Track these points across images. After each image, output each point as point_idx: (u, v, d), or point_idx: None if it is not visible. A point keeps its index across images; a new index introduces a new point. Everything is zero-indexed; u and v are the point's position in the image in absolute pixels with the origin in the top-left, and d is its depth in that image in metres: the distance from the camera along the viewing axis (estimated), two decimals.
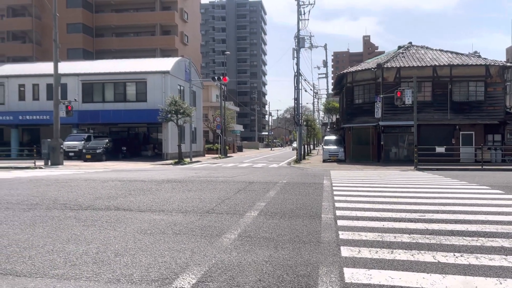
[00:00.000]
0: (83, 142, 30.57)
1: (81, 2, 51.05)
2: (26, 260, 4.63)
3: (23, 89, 34.05)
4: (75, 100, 30.28)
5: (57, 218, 7.18)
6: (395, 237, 5.74)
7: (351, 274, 4.12)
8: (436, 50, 29.19)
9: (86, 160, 28.74)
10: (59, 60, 25.95)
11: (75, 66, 34.72)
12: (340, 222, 6.77)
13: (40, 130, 35.78)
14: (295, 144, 57.97)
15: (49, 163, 24.32)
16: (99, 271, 4.23)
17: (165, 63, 33.94)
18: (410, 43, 30.46)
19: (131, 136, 37.97)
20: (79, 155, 29.64)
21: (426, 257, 4.74)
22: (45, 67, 33.82)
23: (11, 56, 50.37)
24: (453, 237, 5.74)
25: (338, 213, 7.63)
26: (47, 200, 9.22)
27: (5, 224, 6.63)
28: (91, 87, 33.28)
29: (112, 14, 53.69)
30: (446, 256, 4.78)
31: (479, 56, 28.15)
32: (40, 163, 24.21)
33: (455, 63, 26.11)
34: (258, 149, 79.61)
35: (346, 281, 3.93)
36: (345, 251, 4.98)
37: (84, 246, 5.26)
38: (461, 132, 26.29)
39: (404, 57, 27.91)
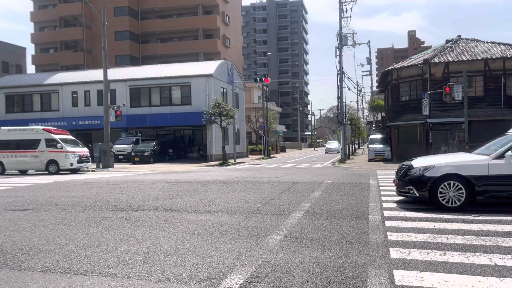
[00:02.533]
0: (131, 145, 31.64)
1: (127, 10, 52.92)
2: (82, 259, 4.86)
3: (75, 95, 35.75)
4: (124, 105, 31.39)
5: (110, 218, 7.48)
6: (447, 238, 5.52)
7: (402, 277, 4.01)
8: (487, 42, 27.81)
9: (134, 162, 29.73)
10: (108, 67, 27.03)
11: (122, 72, 36.02)
12: (388, 223, 6.61)
13: (91, 135, 37.40)
14: (329, 145, 55.58)
15: (101, 166, 25.40)
16: (150, 270, 4.37)
17: (208, 67, 34.50)
18: (459, 36, 29.21)
19: (177, 138, 38.90)
20: (128, 158, 30.71)
21: (482, 259, 4.53)
22: (95, 74, 35.36)
23: (64, 65, 53.04)
24: (511, 238, 5.45)
25: (386, 213, 7.44)
26: (99, 202, 9.63)
27: (63, 225, 6.98)
28: (138, 92, 34.41)
29: (156, 21, 55.27)
30: (504, 258, 4.55)
31: None
32: (92, 166, 25.32)
33: (509, 56, 24.75)
34: (301, 149, 79.13)
35: (396, 284, 3.83)
36: (395, 253, 4.85)
37: (135, 246, 5.45)
38: None
39: (452, 51, 26.80)
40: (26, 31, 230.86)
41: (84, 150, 22.83)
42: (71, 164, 21.69)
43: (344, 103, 32.18)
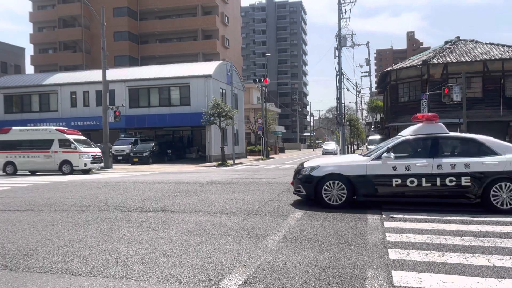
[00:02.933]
0: (130, 146, 31.62)
1: (126, 10, 52.92)
2: (81, 259, 4.85)
3: (74, 96, 35.72)
4: (123, 105, 31.36)
5: (108, 219, 7.47)
6: (445, 239, 5.53)
7: (400, 277, 4.01)
8: (486, 43, 27.88)
9: (133, 163, 29.71)
10: (107, 67, 27.01)
11: (121, 73, 36.01)
12: (387, 224, 6.61)
13: (90, 135, 37.32)
14: (327, 146, 52.23)
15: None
16: (149, 271, 4.37)
17: (207, 67, 34.51)
18: (458, 37, 29.28)
19: (176, 139, 38.89)
20: (127, 159, 30.69)
21: (480, 260, 4.53)
22: (94, 75, 35.33)
23: (63, 65, 53.00)
24: (510, 239, 5.46)
25: (385, 214, 7.45)
26: (98, 202, 9.62)
27: (61, 225, 6.97)
28: (137, 93, 34.39)
29: (155, 21, 55.28)
30: (502, 259, 4.55)
31: None
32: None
33: (507, 57, 24.83)
34: (300, 150, 79.18)
35: (395, 284, 3.84)
36: (393, 254, 4.85)
37: (134, 246, 5.44)
38: None
39: (451, 52, 26.87)
40: (25, 32, 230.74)
41: (96, 151, 22.79)
42: (85, 165, 21.60)
43: (343, 104, 32.22)
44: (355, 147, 58.58)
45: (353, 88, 48.75)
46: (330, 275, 4.12)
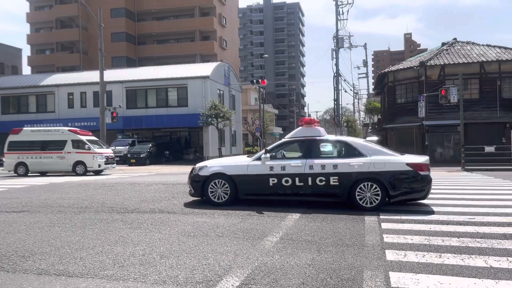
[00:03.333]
0: (127, 147, 31.57)
1: (124, 12, 52.87)
2: (78, 261, 4.84)
3: (71, 97, 35.66)
4: (120, 106, 31.33)
5: (105, 220, 7.45)
6: (443, 240, 5.54)
7: (398, 279, 4.01)
8: (483, 45, 27.99)
9: (130, 164, 29.64)
10: (104, 68, 26.98)
11: (119, 74, 35.97)
12: (384, 225, 6.62)
13: None
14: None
15: None
16: (146, 272, 4.35)
17: (205, 68, 34.52)
18: (455, 39, 29.39)
19: (173, 140, 38.85)
20: (124, 160, 30.62)
21: (477, 261, 4.54)
22: (92, 75, 35.28)
23: (60, 66, 52.90)
24: (506, 240, 5.47)
25: (382, 216, 7.46)
26: (95, 204, 9.59)
27: (58, 227, 6.95)
28: (135, 94, 34.36)
29: (153, 22, 55.25)
30: (499, 260, 4.56)
31: None
32: None
33: (504, 59, 24.93)
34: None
35: (392, 286, 3.84)
36: (391, 255, 4.86)
37: (131, 248, 5.43)
38: None
39: (448, 54, 26.95)
40: (22, 33, 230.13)
41: (109, 151, 22.66)
42: (99, 165, 21.46)
43: (340, 105, 32.31)
44: None
45: (351, 90, 48.83)
46: (328, 276, 4.12)
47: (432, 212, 7.71)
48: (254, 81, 36.46)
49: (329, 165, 8.16)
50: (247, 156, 9.64)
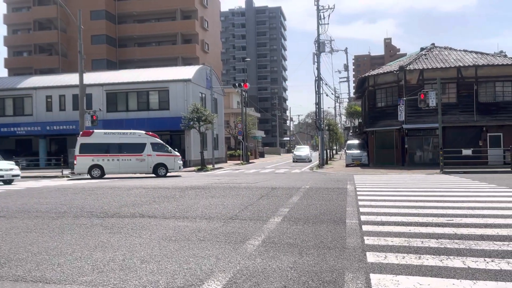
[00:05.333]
0: None
1: (104, 14, 52.25)
2: (55, 267, 4.73)
3: (50, 100, 35.00)
4: (100, 109, 30.90)
5: (84, 225, 7.32)
6: (422, 242, 5.62)
7: (378, 280, 4.05)
8: (460, 50, 28.61)
9: None
10: (84, 71, 26.58)
11: (99, 76, 35.48)
12: (365, 228, 6.68)
13: (66, 140, 36.65)
14: (299, 152, 43.59)
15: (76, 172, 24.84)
16: (126, 277, 4.29)
17: (187, 71, 34.35)
18: (433, 44, 29.97)
19: None
20: None
21: (456, 262, 4.62)
22: (71, 78, 34.71)
23: (38, 68, 51.87)
24: (483, 241, 5.58)
25: (363, 218, 7.53)
26: (74, 208, 9.42)
27: (35, 232, 6.80)
28: (115, 97, 33.94)
29: (134, 25, 54.75)
30: (477, 261, 4.65)
31: (505, 56, 27.44)
32: (67, 172, 24.77)
33: (480, 64, 25.53)
34: (280, 154, 79.47)
35: (372, 287, 3.87)
36: (371, 257, 4.90)
37: (110, 253, 5.34)
38: (488, 134, 25.58)
39: (427, 58, 27.46)
40: None
41: (178, 154, 23.27)
42: (179, 167, 22.64)
43: (322, 109, 32.52)
44: (334, 151, 59.08)
45: (332, 93, 49.13)
46: (309, 279, 4.13)
47: (412, 214, 7.82)
48: (236, 84, 36.49)
49: None
50: None
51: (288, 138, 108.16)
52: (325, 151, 33.51)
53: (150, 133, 22.76)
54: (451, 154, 22.81)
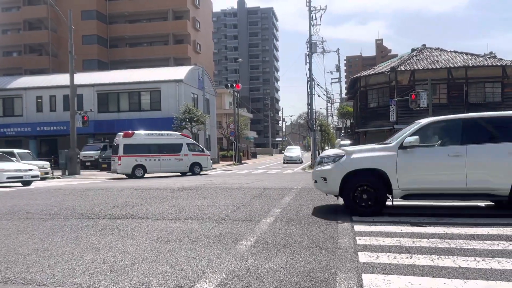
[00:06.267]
0: (99, 151, 30.93)
1: (95, 14, 51.94)
2: (46, 269, 4.69)
3: (40, 100, 34.71)
4: (91, 110, 30.71)
5: (75, 227, 7.26)
6: (413, 241, 5.65)
7: (370, 280, 4.06)
8: (450, 51, 28.88)
9: (102, 169, 29.05)
10: (75, 71, 26.39)
11: (90, 77, 35.27)
12: (357, 227, 6.70)
13: (57, 141, 36.38)
14: (289, 152, 42.71)
15: (67, 173, 24.68)
16: (117, 279, 4.26)
17: (179, 72, 34.26)
18: (424, 45, 30.21)
19: None
20: (95, 165, 29.98)
21: (447, 262, 4.65)
22: (62, 79, 34.45)
23: (28, 69, 51.42)
24: (474, 241, 5.62)
25: (355, 218, 7.55)
26: (65, 210, 9.34)
27: (25, 234, 6.73)
28: (106, 97, 33.75)
29: (125, 25, 54.48)
30: (467, 260, 4.68)
31: (495, 57, 27.76)
32: (57, 173, 24.56)
33: (470, 65, 25.79)
34: (272, 155, 79.55)
35: (364, 287, 3.88)
36: (363, 257, 4.92)
37: (102, 254, 5.30)
38: None
39: (418, 59, 27.67)
40: None
41: (209, 153, 25.31)
42: (211, 166, 24.47)
43: (314, 110, 32.62)
44: None
45: (324, 94, 49.26)
46: (302, 280, 4.13)
47: (404, 214, 7.87)
48: (229, 85, 36.49)
49: None
50: None
51: (280, 139, 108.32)
52: (317, 152, 33.60)
53: (185, 134, 24.57)
54: None
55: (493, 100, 25.60)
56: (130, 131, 22.91)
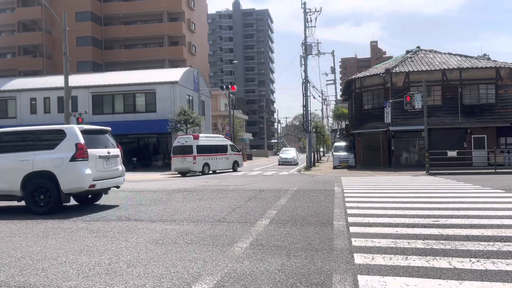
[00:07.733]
0: None
1: (90, 15, 51.77)
2: (40, 272, 4.65)
3: (34, 102, 34.52)
4: (86, 112, 30.59)
5: (69, 229, 7.21)
6: (409, 243, 5.66)
7: (365, 282, 4.06)
8: (444, 53, 29.01)
9: None
10: (69, 73, 26.24)
11: (85, 79, 35.12)
12: (353, 229, 6.70)
13: None
14: (284, 154, 42.02)
15: None
16: (112, 282, 4.23)
17: (174, 74, 34.20)
18: (418, 47, 30.33)
19: (141, 146, 38.17)
20: None
21: (442, 263, 4.66)
22: (56, 80, 34.29)
23: (22, 70, 51.14)
24: (469, 242, 5.64)
25: (350, 219, 7.55)
26: (59, 212, 9.27)
27: (19, 237, 6.68)
28: (101, 99, 33.63)
29: (120, 27, 54.34)
30: (462, 261, 4.69)
31: (489, 59, 27.90)
32: None
33: (464, 66, 25.92)
34: (267, 157, 79.51)
35: None
36: (359, 258, 4.91)
37: (96, 257, 5.27)
38: (472, 136, 25.98)
39: (412, 61, 27.78)
40: None
41: (241, 153, 29.64)
42: (242, 164, 28.70)
43: (309, 111, 32.64)
44: (321, 153, 59.33)
45: (319, 96, 49.29)
46: (297, 281, 4.12)
47: (399, 216, 7.88)
48: (224, 87, 36.47)
49: None
50: None
51: (276, 141, 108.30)
52: (312, 153, 33.62)
53: (227, 137, 28.54)
54: (437, 156, 23.09)
55: (487, 101, 25.75)
56: (196, 134, 26.11)
